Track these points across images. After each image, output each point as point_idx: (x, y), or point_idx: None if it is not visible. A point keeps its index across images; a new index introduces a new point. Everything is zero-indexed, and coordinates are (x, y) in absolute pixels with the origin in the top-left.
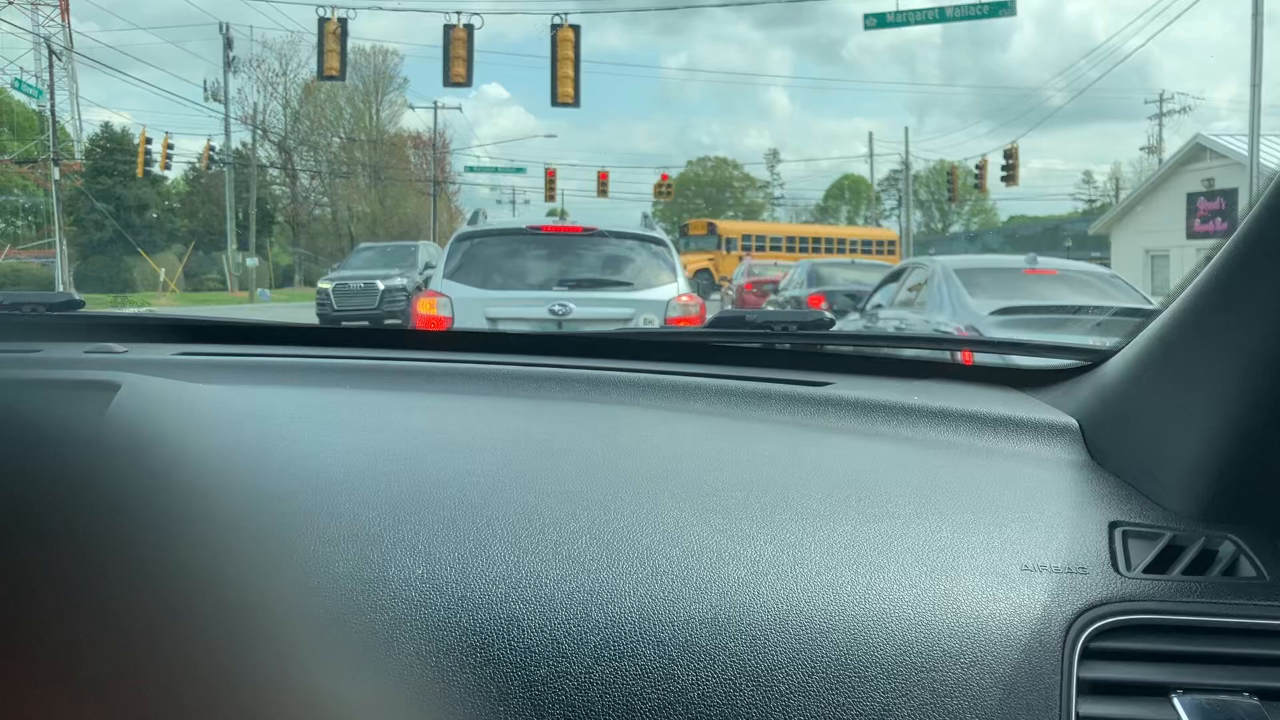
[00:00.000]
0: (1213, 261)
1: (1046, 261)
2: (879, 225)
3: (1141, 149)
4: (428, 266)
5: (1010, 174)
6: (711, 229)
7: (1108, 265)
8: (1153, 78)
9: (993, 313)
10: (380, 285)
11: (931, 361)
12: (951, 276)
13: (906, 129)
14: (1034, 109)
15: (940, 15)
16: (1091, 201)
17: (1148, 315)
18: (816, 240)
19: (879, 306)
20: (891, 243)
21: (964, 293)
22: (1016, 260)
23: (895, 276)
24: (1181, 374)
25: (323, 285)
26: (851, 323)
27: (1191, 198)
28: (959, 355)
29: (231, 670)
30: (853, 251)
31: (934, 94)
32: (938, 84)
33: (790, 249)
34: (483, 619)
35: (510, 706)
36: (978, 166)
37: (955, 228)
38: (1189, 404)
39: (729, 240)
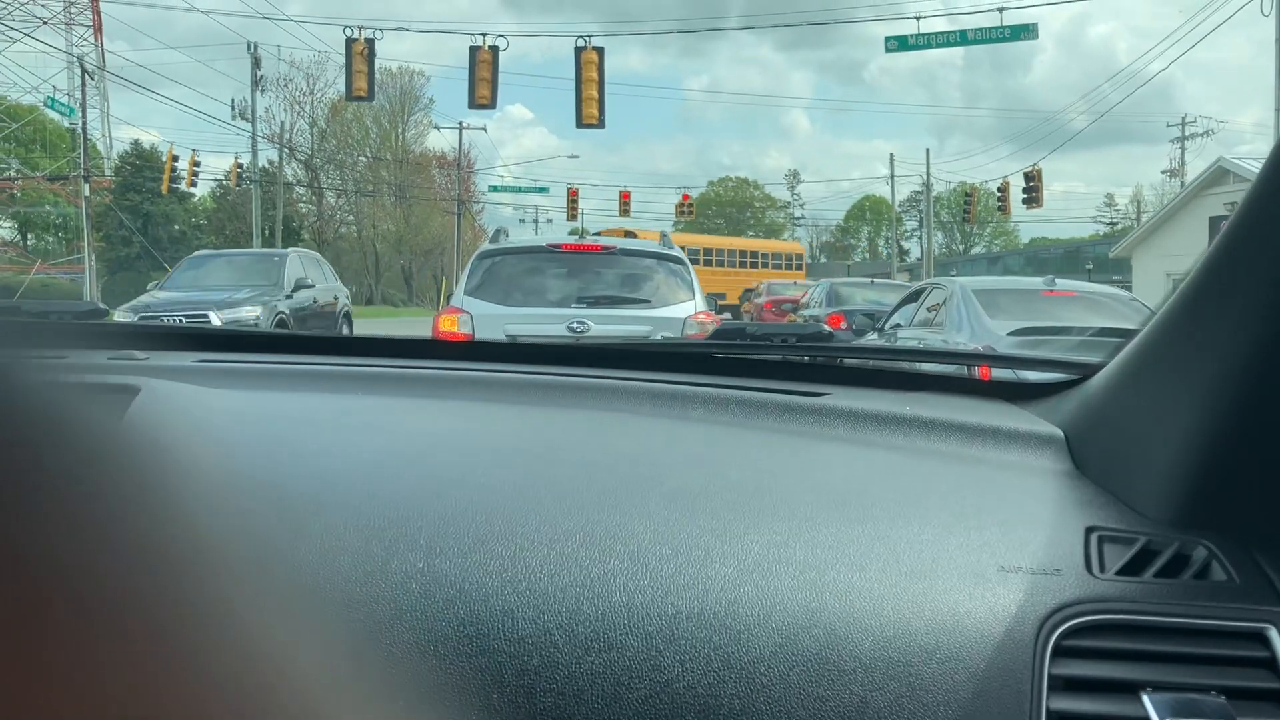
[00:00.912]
0: (1188, 280)
1: (1065, 283)
2: (899, 249)
3: (1163, 172)
4: (299, 287)
5: (1033, 196)
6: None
7: (1129, 288)
8: (1175, 101)
9: (1011, 333)
10: (215, 318)
11: (928, 375)
12: (970, 297)
13: (928, 151)
14: (1056, 131)
15: (962, 38)
16: (1113, 224)
17: (1130, 334)
18: (732, 252)
19: (898, 326)
20: (798, 256)
21: (982, 313)
22: (1035, 282)
23: (914, 297)
24: (1158, 387)
25: (120, 316)
26: (870, 342)
27: (1214, 221)
28: (973, 370)
29: (235, 658)
30: (763, 264)
31: (955, 116)
32: (959, 106)
33: (707, 263)
34: (479, 610)
35: (504, 693)
36: (1000, 188)
37: (977, 249)
38: (1166, 415)
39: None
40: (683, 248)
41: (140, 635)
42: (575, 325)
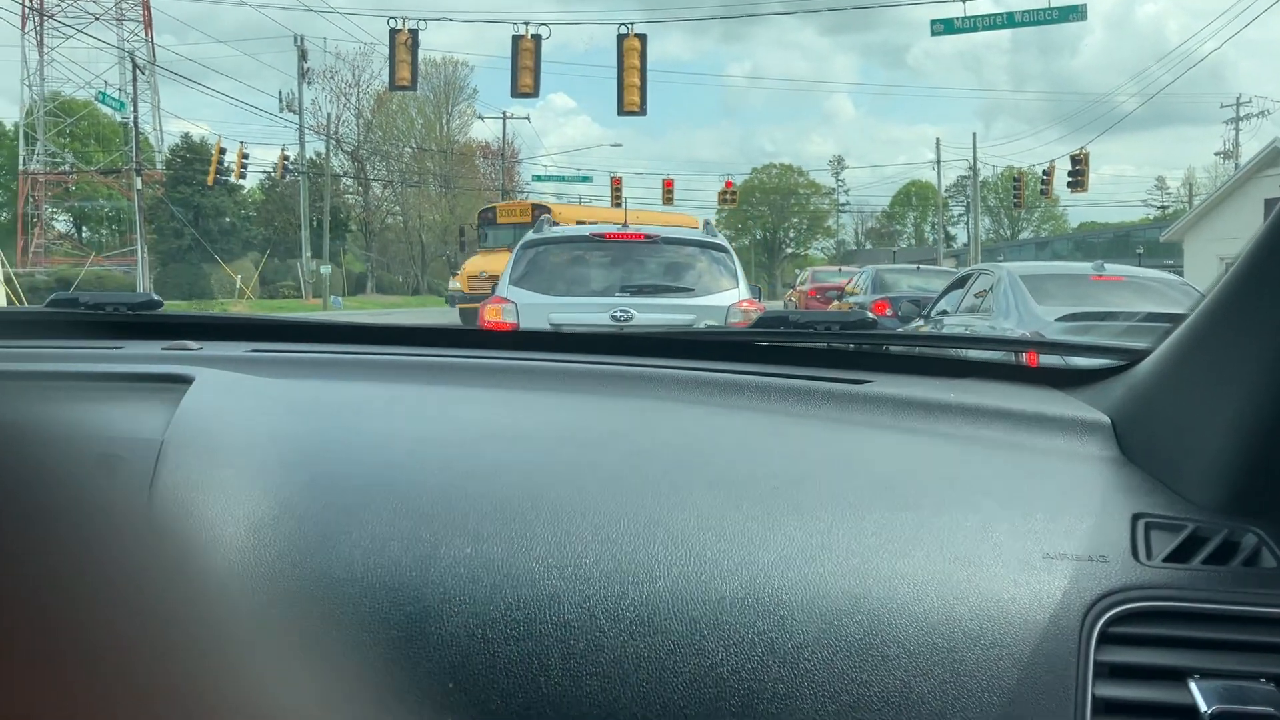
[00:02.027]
0: (1239, 263)
1: (1114, 268)
2: (945, 235)
3: (1217, 154)
4: None
5: (1079, 180)
6: (540, 215)
7: (1180, 273)
8: (1229, 81)
9: (1059, 319)
10: None
11: (973, 361)
12: (1017, 283)
13: (974, 135)
14: (1105, 114)
15: (1009, 20)
16: (1164, 208)
17: (1180, 319)
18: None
19: (944, 313)
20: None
21: (1030, 299)
22: (1084, 267)
23: (961, 283)
24: (1209, 371)
25: None
26: (914, 330)
27: (1269, 204)
28: (1020, 356)
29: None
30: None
31: (1002, 99)
32: (1006, 89)
33: None
34: (525, 595)
35: (550, 677)
36: (1046, 173)
37: (1024, 234)
38: (1216, 400)
39: None
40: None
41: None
42: (619, 314)
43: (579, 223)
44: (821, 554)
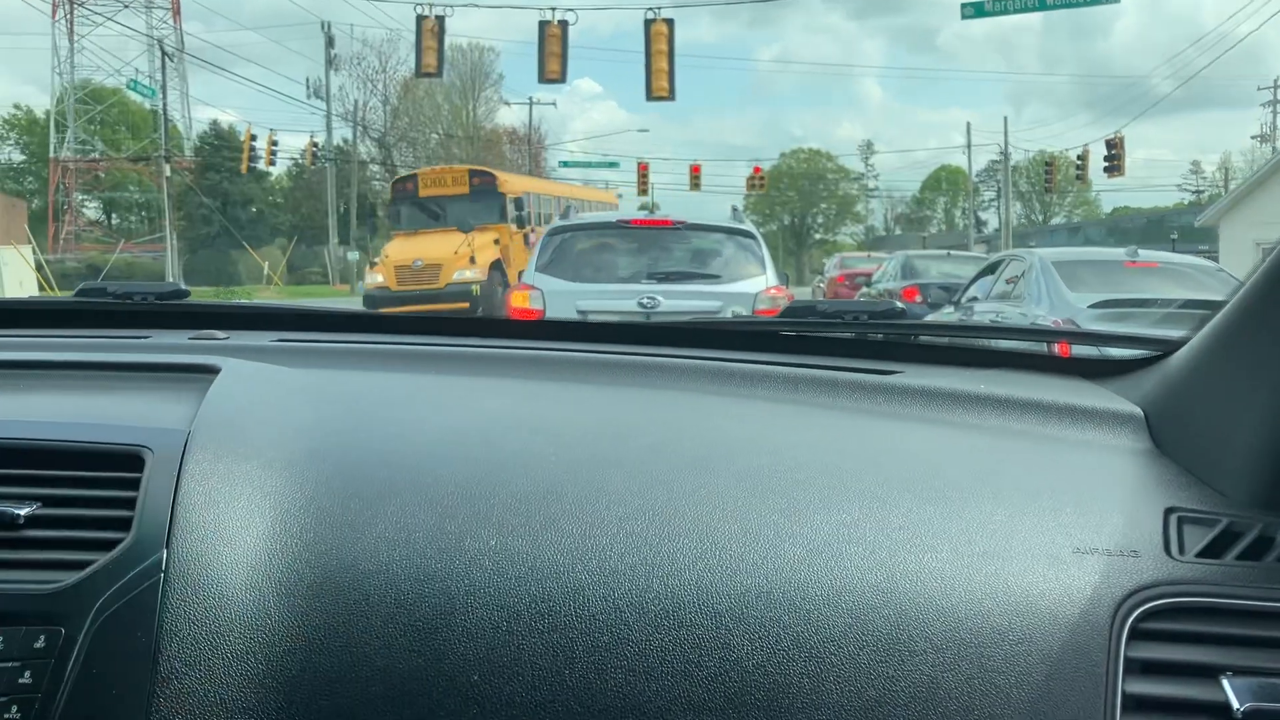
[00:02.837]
0: (1277, 250)
1: (1148, 254)
2: (976, 220)
3: (1253, 137)
4: None
5: (1114, 164)
6: (486, 185)
7: (1215, 259)
8: (1266, 63)
9: (1091, 305)
10: None
11: (1003, 351)
12: (1049, 269)
13: (1005, 119)
14: (1138, 98)
15: (1040, 3)
16: (1199, 192)
17: (1217, 306)
18: (547, 200)
19: (975, 299)
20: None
21: (1062, 285)
22: (1117, 253)
23: (992, 269)
24: (1246, 363)
25: None
26: (946, 315)
27: None
28: (1051, 346)
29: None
30: None
31: (1033, 83)
32: (1037, 72)
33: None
34: (550, 587)
35: (575, 669)
36: (1079, 157)
37: (1057, 220)
38: (1252, 392)
39: (518, 204)
40: (538, 194)
41: None
42: (645, 301)
43: (526, 193)
44: (848, 547)
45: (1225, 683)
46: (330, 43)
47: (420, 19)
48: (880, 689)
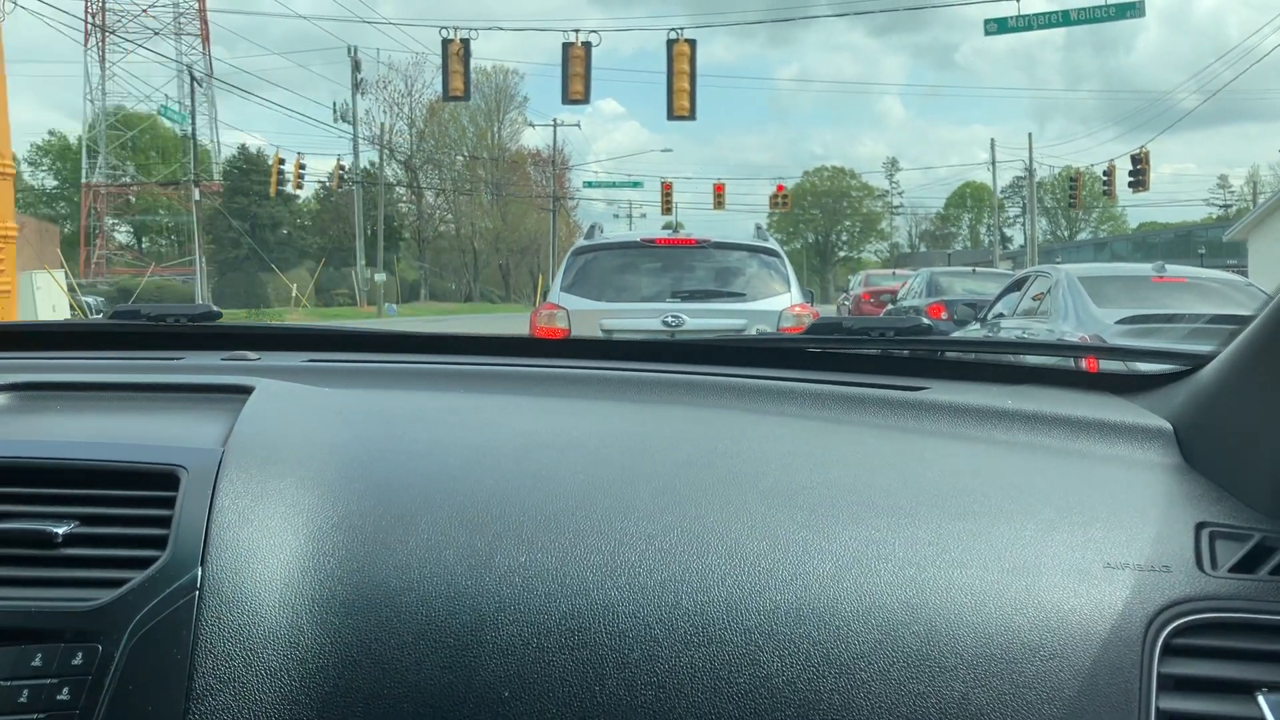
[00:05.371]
0: None
1: (1176, 269)
2: (1001, 237)
3: None
4: None
5: (1140, 179)
6: None
7: (1244, 273)
8: None
9: (1119, 321)
10: None
11: (1030, 367)
12: (1076, 285)
13: (1030, 135)
14: (1163, 112)
15: (1064, 19)
16: (1227, 207)
17: (1245, 321)
18: None
19: (1000, 315)
20: None
21: (1089, 301)
22: (1144, 268)
23: (1018, 285)
24: (1275, 377)
25: None
26: (972, 332)
27: None
28: (1079, 362)
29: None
30: None
31: (1056, 99)
32: (1060, 88)
33: None
34: (579, 604)
35: (605, 686)
36: (1105, 172)
37: (1083, 235)
38: None
39: None
40: None
41: None
42: (670, 319)
43: None
44: (877, 563)
45: (1261, 699)
46: (357, 67)
47: (446, 43)
48: (911, 705)
